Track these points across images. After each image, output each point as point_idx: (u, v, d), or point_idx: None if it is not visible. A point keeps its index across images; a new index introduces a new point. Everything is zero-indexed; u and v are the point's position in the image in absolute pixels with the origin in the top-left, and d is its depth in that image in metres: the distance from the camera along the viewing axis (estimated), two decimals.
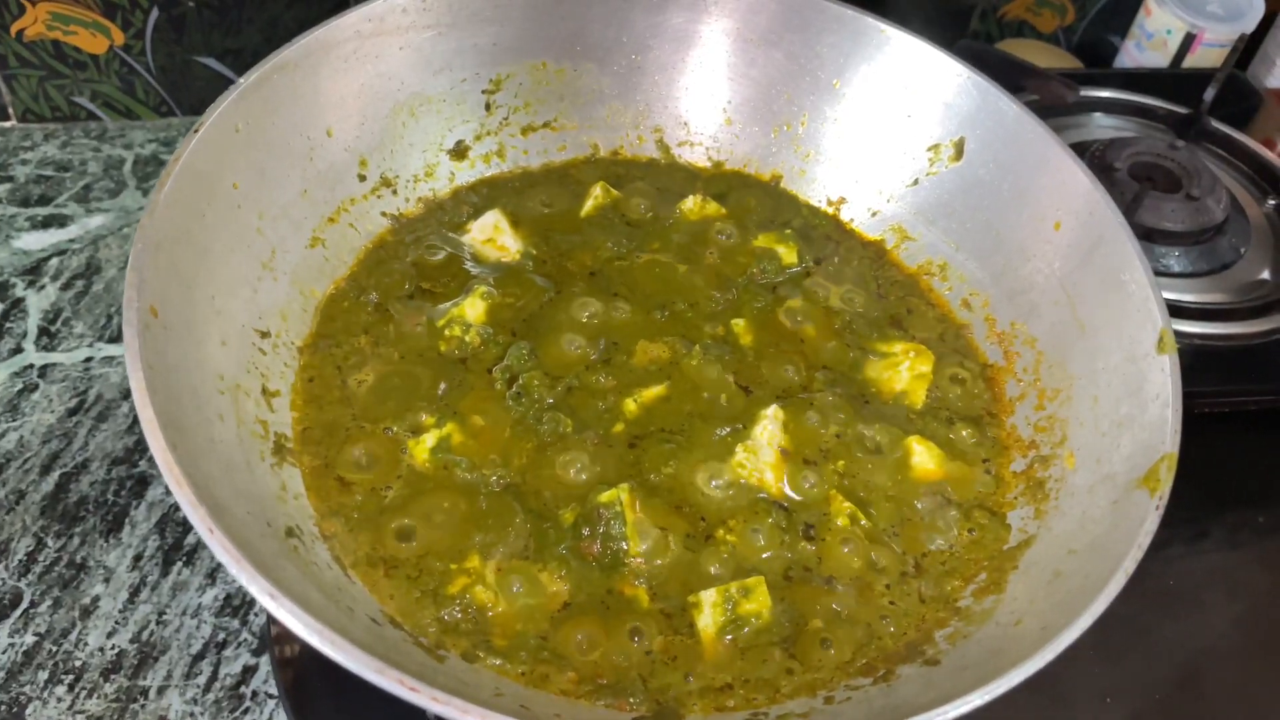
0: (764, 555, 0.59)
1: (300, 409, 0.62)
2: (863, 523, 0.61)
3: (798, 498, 0.62)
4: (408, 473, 0.61)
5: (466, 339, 0.67)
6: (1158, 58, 1.14)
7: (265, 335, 0.62)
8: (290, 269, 0.65)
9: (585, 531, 0.58)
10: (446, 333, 0.67)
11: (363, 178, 0.71)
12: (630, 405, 0.64)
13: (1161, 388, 0.57)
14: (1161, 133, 0.98)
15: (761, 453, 0.62)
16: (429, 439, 0.61)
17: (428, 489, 0.60)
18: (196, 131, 0.58)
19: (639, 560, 0.58)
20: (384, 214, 0.72)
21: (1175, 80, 1.08)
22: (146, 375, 0.48)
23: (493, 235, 0.74)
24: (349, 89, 0.68)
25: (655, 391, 0.65)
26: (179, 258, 0.55)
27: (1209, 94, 0.96)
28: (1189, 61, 1.11)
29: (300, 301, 0.66)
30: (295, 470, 0.59)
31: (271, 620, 0.68)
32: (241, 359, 0.59)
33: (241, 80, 0.61)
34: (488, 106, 0.76)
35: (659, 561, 0.58)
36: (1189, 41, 1.09)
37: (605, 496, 0.58)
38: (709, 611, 0.56)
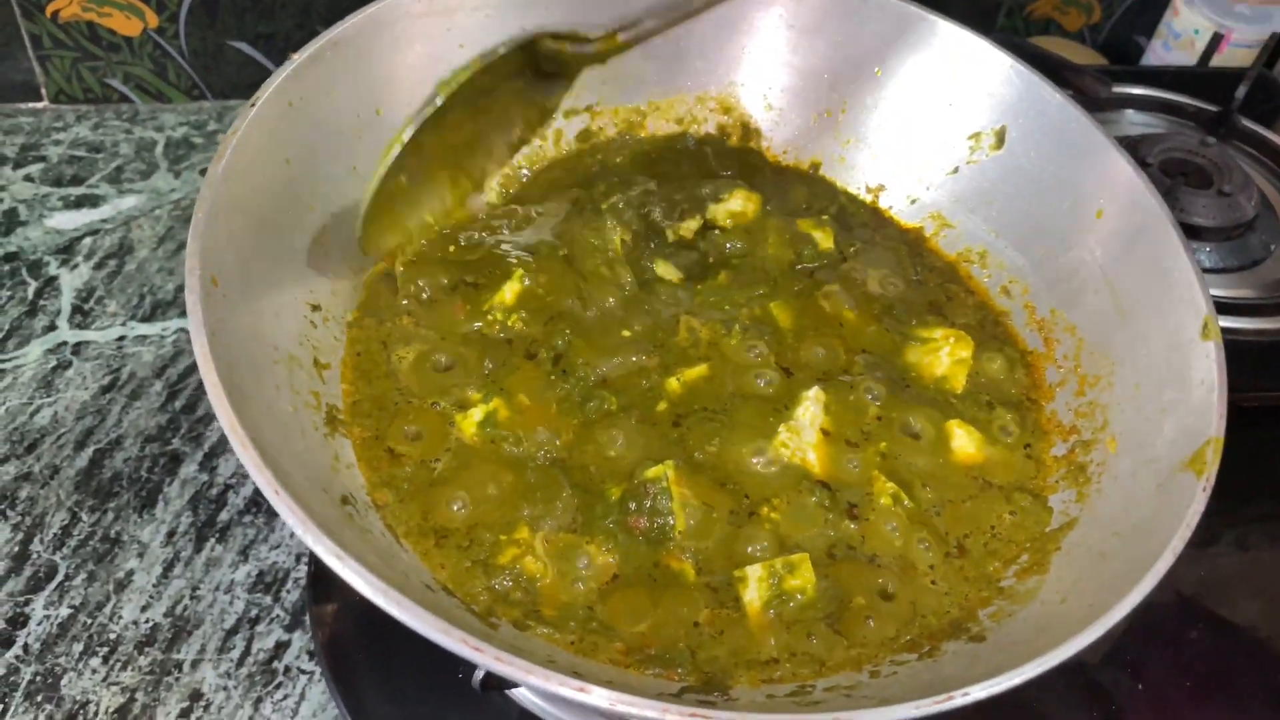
0: (808, 533, 0.59)
1: (350, 382, 0.63)
2: (905, 503, 0.61)
3: (841, 477, 0.62)
4: (456, 446, 0.61)
5: (509, 322, 0.67)
6: (1184, 57, 1.14)
7: (316, 309, 0.63)
8: (341, 245, 0.65)
9: (632, 506, 0.59)
10: (489, 317, 0.67)
11: None
12: (673, 384, 0.65)
13: (1206, 373, 0.57)
14: (1192, 130, 0.99)
15: (804, 433, 0.63)
16: (476, 414, 0.62)
17: (476, 462, 0.60)
18: (253, 105, 0.59)
19: (685, 535, 0.58)
20: None
21: (1205, 79, 1.08)
22: (210, 341, 0.48)
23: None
24: (398, 69, 0.69)
25: (697, 371, 0.66)
26: (236, 228, 0.56)
27: (1240, 91, 0.97)
28: (1216, 62, 1.12)
29: (349, 278, 0.67)
30: (346, 441, 0.59)
31: (313, 595, 0.69)
32: (294, 331, 0.60)
33: (295, 56, 0.62)
34: None
35: (704, 537, 0.58)
36: (1216, 41, 1.10)
37: (652, 473, 0.59)
38: (754, 586, 0.56)
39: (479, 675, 0.58)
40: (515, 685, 0.58)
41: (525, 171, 0.78)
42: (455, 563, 0.56)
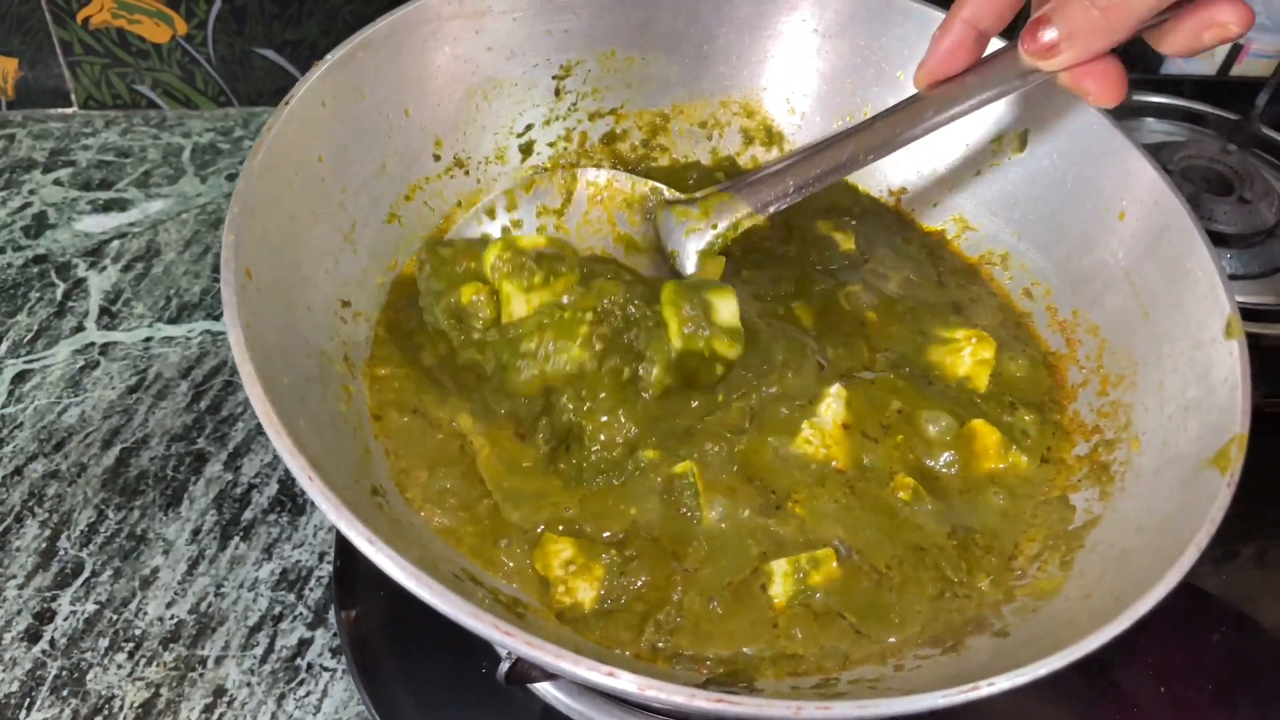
0: (832, 528, 0.60)
1: (378, 380, 0.63)
2: (926, 500, 0.61)
3: (862, 473, 0.62)
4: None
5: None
6: (1204, 67, 1.14)
7: (346, 305, 0.63)
8: (369, 243, 0.66)
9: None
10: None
11: (437, 158, 0.72)
12: None
13: (1230, 371, 0.57)
14: (1213, 138, 0.99)
15: (826, 429, 0.63)
16: None
17: (500, 465, 0.61)
18: (287, 104, 0.60)
19: (711, 529, 0.58)
20: (456, 194, 0.74)
21: (1225, 87, 1.09)
22: (245, 332, 0.49)
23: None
24: (426, 70, 0.70)
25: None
26: (269, 224, 0.57)
27: (1261, 100, 0.97)
28: (1235, 71, 1.12)
29: (378, 276, 0.67)
30: (376, 435, 0.60)
31: (339, 590, 0.69)
32: (325, 326, 0.60)
33: (329, 56, 0.63)
34: (557, 92, 0.77)
35: (731, 531, 0.59)
36: (1236, 51, 1.10)
37: (679, 468, 0.59)
38: (780, 581, 0.57)
39: (503, 668, 0.58)
40: (538, 679, 0.58)
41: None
42: (483, 556, 0.56)
